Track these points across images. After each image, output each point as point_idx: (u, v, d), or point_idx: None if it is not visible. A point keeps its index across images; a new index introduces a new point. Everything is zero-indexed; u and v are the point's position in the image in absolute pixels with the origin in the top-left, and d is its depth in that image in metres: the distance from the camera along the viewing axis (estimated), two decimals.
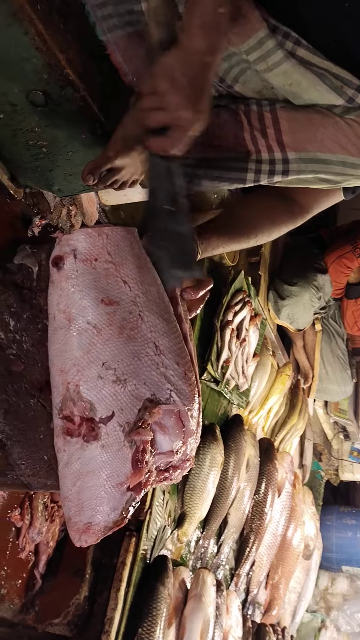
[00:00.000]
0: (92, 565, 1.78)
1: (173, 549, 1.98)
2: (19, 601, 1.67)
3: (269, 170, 1.28)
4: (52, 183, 1.66)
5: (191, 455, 1.08)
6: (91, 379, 0.90)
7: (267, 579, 2.76)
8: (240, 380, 2.39)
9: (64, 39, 1.27)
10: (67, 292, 0.94)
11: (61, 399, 0.91)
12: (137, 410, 0.92)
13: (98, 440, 0.90)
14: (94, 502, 0.92)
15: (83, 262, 0.96)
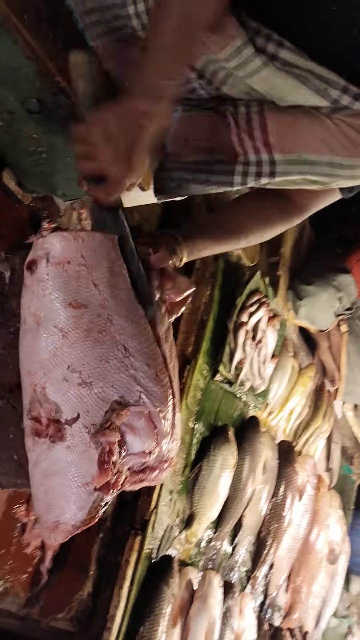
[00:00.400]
0: (97, 562, 1.81)
1: (181, 549, 1.99)
2: (24, 595, 1.72)
3: (256, 172, 1.27)
4: (56, 188, 1.70)
5: (169, 457, 1.08)
6: (57, 382, 0.92)
7: (288, 582, 2.73)
8: (256, 382, 2.37)
9: (53, 47, 1.30)
10: (37, 295, 0.96)
11: (29, 400, 0.93)
12: (103, 412, 0.93)
13: (64, 441, 0.92)
14: (61, 501, 0.94)
15: (55, 265, 0.99)
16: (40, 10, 1.28)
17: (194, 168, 1.32)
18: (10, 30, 1.23)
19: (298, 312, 2.59)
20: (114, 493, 0.98)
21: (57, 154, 1.56)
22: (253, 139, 1.24)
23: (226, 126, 1.27)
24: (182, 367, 2.07)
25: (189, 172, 1.32)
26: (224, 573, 2.25)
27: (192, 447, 2.07)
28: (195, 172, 1.32)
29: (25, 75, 1.32)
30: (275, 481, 2.51)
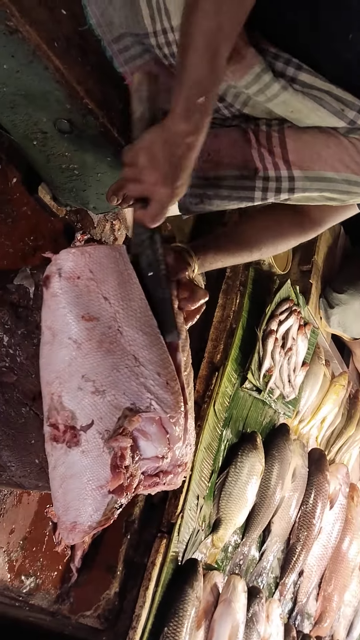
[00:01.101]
0: (124, 563, 1.87)
1: (207, 553, 2.03)
2: (55, 592, 1.79)
3: (276, 187, 1.31)
4: (88, 202, 1.77)
5: (183, 461, 1.13)
6: (72, 390, 0.98)
7: (318, 590, 2.73)
8: (286, 390, 2.39)
9: (82, 71, 1.37)
10: (52, 309, 1.02)
11: (47, 408, 1.00)
12: (116, 419, 0.99)
13: (79, 446, 0.98)
14: (77, 503, 0.99)
15: (67, 280, 1.04)
16: (70, 38, 1.35)
17: (216, 184, 1.36)
18: (42, 57, 1.31)
19: (330, 320, 2.59)
20: (129, 496, 1.03)
21: (88, 171, 1.64)
22: (273, 155, 1.27)
23: (247, 142, 1.31)
24: (210, 374, 2.11)
25: (211, 188, 1.37)
26: (252, 579, 2.27)
27: (219, 453, 2.10)
28: (217, 187, 1.36)
29: (56, 98, 1.40)
30: (305, 489, 2.52)
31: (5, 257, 1.68)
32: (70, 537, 1.02)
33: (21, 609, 1.86)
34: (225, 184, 1.36)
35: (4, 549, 1.64)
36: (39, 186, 1.76)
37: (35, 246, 1.80)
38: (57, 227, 1.89)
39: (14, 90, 1.40)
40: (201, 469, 2.00)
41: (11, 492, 1.65)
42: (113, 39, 1.33)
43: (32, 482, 1.05)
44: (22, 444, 1.01)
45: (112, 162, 1.57)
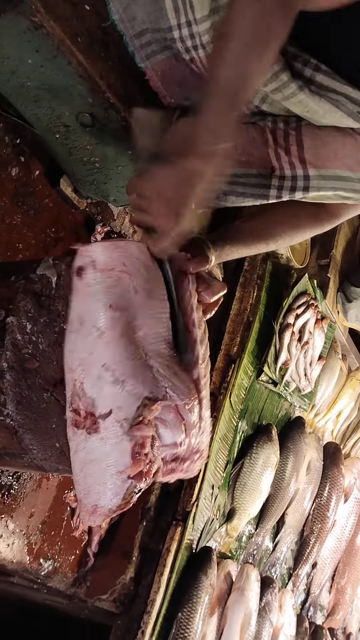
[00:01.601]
0: (140, 549, 1.91)
1: (221, 542, 2.06)
2: (72, 575, 1.84)
3: (291, 186, 1.32)
4: (108, 194, 1.80)
5: (199, 448, 1.16)
6: (93, 378, 1.01)
7: (331, 583, 2.75)
8: (302, 383, 2.40)
9: (104, 66, 1.40)
10: (84, 298, 1.05)
11: (70, 394, 1.03)
12: (135, 408, 1.02)
13: (98, 433, 1.01)
14: (98, 487, 1.02)
15: (101, 271, 1.07)
16: (93, 33, 1.38)
17: (232, 180, 1.38)
18: (65, 52, 1.34)
19: (347, 315, 2.60)
20: (147, 481, 1.07)
21: (109, 164, 1.66)
22: (289, 154, 1.29)
23: (264, 141, 1.33)
24: (226, 366, 2.14)
25: (227, 184, 1.39)
26: (265, 569, 2.30)
27: (234, 444, 2.13)
28: (233, 184, 1.38)
29: (79, 92, 1.42)
30: (319, 482, 2.54)
31: (28, 248, 1.72)
32: (91, 520, 1.06)
33: (39, 592, 1.92)
34: (241, 181, 1.38)
35: (24, 532, 1.69)
36: (60, 179, 1.80)
37: (57, 237, 1.83)
38: (78, 219, 1.93)
39: (38, 84, 1.44)
40: (216, 459, 2.03)
41: (31, 476, 1.69)
42: (135, 35, 1.35)
43: (52, 465, 1.08)
44: (44, 428, 1.05)
45: (133, 156, 1.60)
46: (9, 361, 1.00)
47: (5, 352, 1.00)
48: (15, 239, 1.68)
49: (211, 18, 1.16)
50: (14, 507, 1.66)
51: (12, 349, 1.01)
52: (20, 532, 1.68)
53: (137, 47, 1.37)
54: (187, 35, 1.22)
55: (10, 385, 1.00)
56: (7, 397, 1.00)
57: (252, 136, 1.34)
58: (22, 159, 1.68)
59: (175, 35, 1.27)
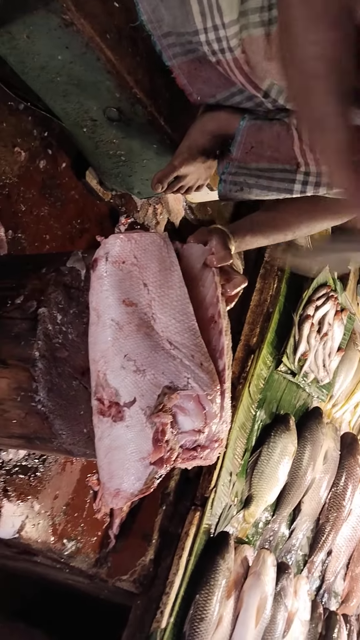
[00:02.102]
0: (159, 532, 1.97)
1: (238, 527, 2.11)
2: (94, 556, 1.90)
3: (316, 182, 1.34)
4: (133, 187, 1.84)
5: (219, 437, 1.19)
6: (115, 369, 1.05)
7: (346, 570, 2.79)
8: (320, 374, 2.43)
9: (132, 62, 1.43)
10: (97, 290, 1.09)
11: (94, 384, 1.07)
12: (156, 396, 1.06)
13: (123, 421, 1.05)
14: (121, 472, 1.07)
15: (112, 264, 1.09)
16: (121, 29, 1.41)
17: (257, 174, 1.40)
18: (95, 49, 1.37)
19: None
20: (168, 467, 1.11)
21: (135, 157, 1.70)
22: (314, 151, 1.31)
23: (290, 137, 1.35)
24: (246, 357, 2.17)
25: (252, 178, 1.41)
26: (281, 555, 2.35)
27: (253, 433, 2.17)
28: (258, 177, 1.41)
29: (107, 87, 1.46)
30: (336, 471, 2.57)
31: (54, 239, 1.76)
32: (113, 502, 1.10)
33: (61, 571, 1.99)
34: (266, 175, 1.40)
35: (49, 513, 1.75)
36: (86, 171, 1.84)
37: (82, 229, 1.88)
38: (103, 211, 1.97)
39: (67, 79, 1.47)
40: (235, 447, 2.08)
41: (56, 460, 1.75)
42: (162, 35, 1.37)
43: (80, 450, 1.13)
44: (72, 414, 1.10)
45: (158, 149, 1.63)
46: (40, 350, 1.05)
47: (37, 341, 1.05)
48: (42, 230, 1.73)
49: (240, 22, 1.18)
50: (39, 489, 1.72)
51: (43, 338, 1.05)
52: (45, 513, 1.74)
53: (164, 47, 1.39)
54: (213, 39, 1.24)
55: (42, 373, 1.05)
56: (38, 385, 1.05)
57: (278, 132, 1.36)
58: (50, 152, 1.73)
59: (201, 39, 1.29)
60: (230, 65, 1.26)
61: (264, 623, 2.02)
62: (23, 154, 1.64)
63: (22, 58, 1.44)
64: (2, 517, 1.62)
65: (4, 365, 1.09)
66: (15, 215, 1.65)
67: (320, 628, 2.53)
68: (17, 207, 1.65)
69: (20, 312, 1.09)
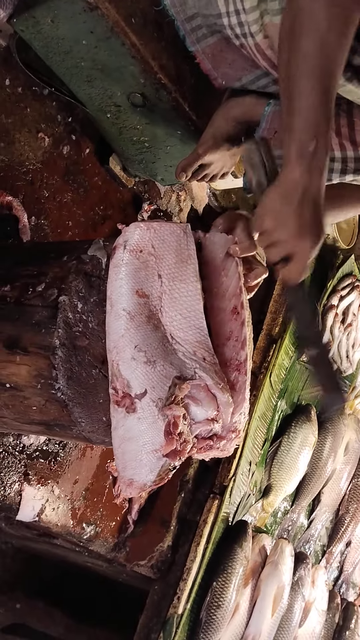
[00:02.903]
0: (177, 519, 1.98)
1: (257, 516, 2.11)
2: (112, 540, 1.92)
3: (341, 168, 1.31)
4: (156, 173, 1.83)
5: (237, 428, 1.18)
6: (127, 360, 1.04)
7: None
8: (343, 365, 2.41)
9: (157, 47, 1.41)
10: (112, 279, 1.07)
11: (110, 373, 1.07)
12: (167, 388, 1.04)
13: (135, 413, 1.04)
14: (134, 463, 1.06)
15: (130, 252, 1.08)
16: (146, 13, 1.39)
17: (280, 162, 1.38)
18: (119, 34, 1.35)
19: None
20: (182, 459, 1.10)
21: (158, 144, 1.68)
22: (339, 135, 1.28)
23: None
24: (267, 346, 2.16)
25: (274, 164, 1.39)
26: (299, 544, 2.35)
27: (273, 423, 2.16)
28: None
29: (131, 72, 1.44)
30: (357, 463, 2.55)
31: (77, 225, 1.76)
32: (127, 491, 1.10)
33: (80, 554, 2.02)
34: None
35: (68, 497, 1.77)
36: (110, 157, 1.83)
37: (105, 215, 1.87)
38: (126, 197, 1.96)
39: (91, 64, 1.46)
40: (254, 436, 2.07)
41: (76, 445, 1.77)
42: (186, 19, 1.35)
43: (99, 438, 1.14)
44: (92, 403, 1.10)
45: (182, 136, 1.61)
46: (60, 338, 1.05)
47: (57, 329, 1.05)
48: (65, 216, 1.72)
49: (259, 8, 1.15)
50: (60, 473, 1.74)
51: (64, 326, 1.05)
52: (65, 498, 1.76)
53: (187, 31, 1.37)
54: (235, 23, 1.22)
55: (62, 361, 1.05)
56: (58, 372, 1.05)
57: None
58: (74, 138, 1.72)
59: (224, 22, 1.27)
60: (253, 50, 1.23)
61: (280, 612, 2.03)
62: (47, 140, 1.63)
63: (47, 43, 1.43)
64: (23, 500, 1.64)
65: (24, 352, 1.09)
66: (38, 202, 1.65)
67: (337, 618, 2.53)
68: (41, 193, 1.65)
69: (41, 300, 1.09)
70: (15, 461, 1.61)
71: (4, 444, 1.58)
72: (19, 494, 1.62)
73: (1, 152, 1.53)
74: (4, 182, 1.54)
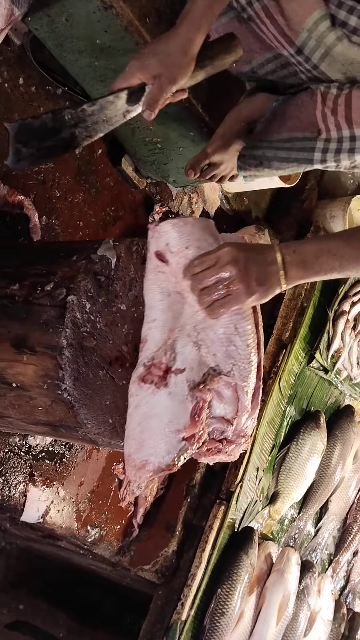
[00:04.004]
0: (183, 524, 1.96)
1: (263, 523, 2.09)
2: (117, 544, 1.91)
3: (336, 148, 1.29)
4: (168, 175, 1.82)
5: (247, 433, 1.18)
6: (184, 336, 1.08)
7: None
8: (354, 372, 2.37)
9: None
10: (171, 278, 1.11)
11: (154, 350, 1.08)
12: (202, 374, 1.08)
13: (167, 387, 1.06)
14: (153, 441, 1.06)
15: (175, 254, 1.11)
16: (161, 12, 1.38)
17: (276, 146, 1.37)
18: (133, 33, 1.34)
19: None
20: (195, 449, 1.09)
21: (171, 145, 1.67)
22: (335, 114, 1.26)
23: (313, 103, 1.30)
24: (277, 351, 2.13)
25: (271, 150, 1.38)
26: (305, 553, 2.31)
27: (282, 429, 2.13)
28: (277, 149, 1.37)
29: None
30: None
31: (88, 226, 1.75)
32: (136, 475, 1.08)
33: (85, 557, 2.00)
34: (285, 147, 1.36)
35: (73, 499, 1.76)
36: (122, 158, 1.82)
37: (116, 216, 1.86)
38: (137, 199, 1.95)
39: (105, 64, 1.45)
40: (262, 442, 2.05)
41: (82, 447, 1.76)
42: None
43: (104, 440, 1.12)
44: (98, 404, 1.09)
45: (195, 137, 1.60)
46: (68, 338, 1.04)
47: (65, 329, 1.04)
48: (76, 216, 1.72)
49: None
50: (65, 475, 1.73)
51: (71, 326, 1.04)
52: (70, 500, 1.75)
53: None
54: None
55: (69, 361, 1.04)
56: (65, 373, 1.04)
57: (302, 100, 1.32)
58: None
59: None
60: (261, 16, 1.21)
61: (285, 621, 2.00)
62: None
63: (61, 42, 1.42)
64: (28, 501, 1.63)
65: (31, 352, 1.08)
66: (49, 201, 1.64)
67: (343, 628, 2.49)
68: (52, 193, 1.65)
69: (50, 299, 1.08)
70: (20, 462, 1.60)
71: (9, 444, 1.57)
72: (23, 494, 1.61)
73: None
74: (15, 181, 1.53)
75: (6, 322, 1.13)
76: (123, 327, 1.14)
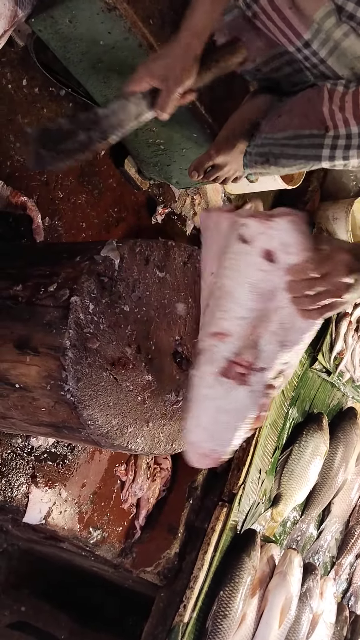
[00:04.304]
0: (185, 526, 1.95)
1: (266, 525, 2.08)
2: (119, 546, 1.90)
3: (345, 145, 1.28)
4: (171, 176, 1.82)
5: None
6: (269, 333, 1.07)
7: None
8: (356, 374, 2.37)
9: None
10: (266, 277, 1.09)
11: (240, 346, 1.08)
12: (273, 375, 1.10)
13: (248, 385, 1.07)
14: (224, 434, 1.10)
15: (289, 255, 1.07)
16: (165, 14, 1.38)
17: (283, 143, 1.36)
18: (137, 35, 1.34)
19: None
20: None
21: (174, 146, 1.67)
22: (343, 111, 1.24)
23: (320, 100, 1.28)
24: None
25: (278, 147, 1.37)
26: (308, 555, 2.31)
27: (284, 431, 2.13)
28: (284, 146, 1.36)
29: None
30: None
31: (91, 227, 1.75)
32: (201, 461, 1.13)
33: (86, 559, 2.00)
34: (292, 144, 1.35)
35: (76, 501, 1.75)
36: (125, 159, 1.82)
37: (119, 218, 1.86)
38: (140, 200, 1.95)
39: (108, 65, 1.45)
40: (265, 444, 2.04)
41: (84, 448, 1.75)
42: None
43: (108, 442, 1.12)
44: (101, 405, 1.09)
45: (198, 139, 1.60)
46: (71, 339, 1.04)
47: (68, 330, 1.04)
48: (79, 218, 1.72)
49: None
50: (67, 476, 1.73)
51: (74, 327, 1.04)
52: (72, 501, 1.75)
53: None
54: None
55: (72, 362, 1.03)
56: (68, 374, 1.03)
57: (309, 97, 1.31)
58: None
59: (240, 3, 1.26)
60: (267, 10, 1.21)
61: (288, 623, 1.99)
62: None
63: (64, 43, 1.42)
64: (30, 502, 1.63)
65: (34, 352, 1.08)
66: (52, 203, 1.64)
67: (345, 631, 2.49)
68: (55, 194, 1.65)
69: (53, 300, 1.08)
70: (23, 463, 1.60)
71: (12, 445, 1.57)
72: (26, 496, 1.61)
73: (17, 152, 1.53)
74: (19, 182, 1.54)
75: (9, 323, 1.12)
76: (126, 328, 1.14)
